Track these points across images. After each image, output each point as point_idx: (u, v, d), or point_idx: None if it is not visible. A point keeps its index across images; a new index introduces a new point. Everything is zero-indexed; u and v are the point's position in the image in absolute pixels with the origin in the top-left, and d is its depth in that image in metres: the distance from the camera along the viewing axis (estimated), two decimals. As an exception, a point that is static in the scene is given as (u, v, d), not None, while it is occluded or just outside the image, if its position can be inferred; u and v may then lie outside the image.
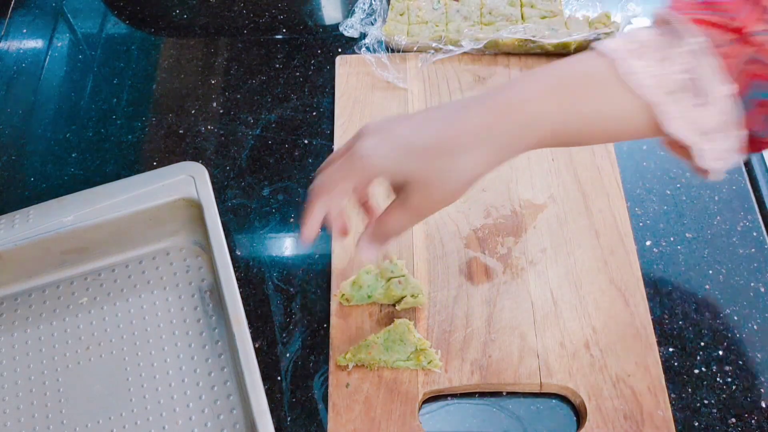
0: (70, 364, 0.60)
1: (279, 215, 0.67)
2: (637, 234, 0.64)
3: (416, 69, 0.74)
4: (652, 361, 0.56)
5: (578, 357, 0.57)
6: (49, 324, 0.62)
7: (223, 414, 0.56)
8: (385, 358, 0.56)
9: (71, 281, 0.64)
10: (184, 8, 0.83)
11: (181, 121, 0.74)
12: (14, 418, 0.57)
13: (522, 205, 0.65)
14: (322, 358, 0.59)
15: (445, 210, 0.64)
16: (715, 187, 0.66)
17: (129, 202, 0.61)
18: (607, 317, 0.59)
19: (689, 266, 0.62)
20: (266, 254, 0.65)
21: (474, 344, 0.58)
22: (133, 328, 0.61)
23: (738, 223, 0.64)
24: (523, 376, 0.56)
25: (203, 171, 0.62)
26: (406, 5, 0.77)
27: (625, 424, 0.54)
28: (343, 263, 0.62)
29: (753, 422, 0.55)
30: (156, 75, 0.78)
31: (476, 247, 0.63)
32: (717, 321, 0.60)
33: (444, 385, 0.56)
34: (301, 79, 0.76)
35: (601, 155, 0.67)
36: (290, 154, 0.71)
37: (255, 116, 0.73)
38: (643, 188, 0.67)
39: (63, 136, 0.74)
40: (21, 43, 0.81)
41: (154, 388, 0.58)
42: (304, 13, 0.82)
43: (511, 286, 0.61)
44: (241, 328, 0.54)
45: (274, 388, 0.58)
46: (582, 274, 0.61)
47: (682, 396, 0.56)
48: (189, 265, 0.64)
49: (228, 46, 0.79)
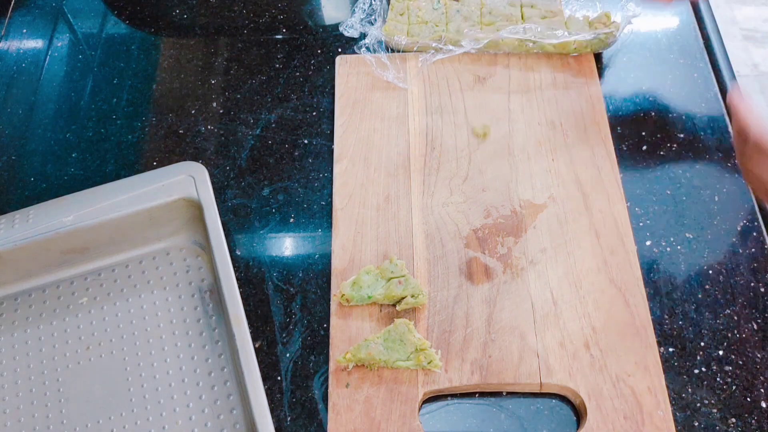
0: (70, 364, 0.60)
1: (279, 215, 0.67)
2: (637, 234, 0.64)
3: (416, 69, 0.74)
4: (652, 361, 0.56)
5: (578, 357, 0.57)
6: (49, 324, 0.62)
7: (223, 414, 0.56)
8: (385, 358, 0.56)
9: (71, 281, 0.64)
10: (184, 8, 0.83)
11: (181, 121, 0.74)
12: (14, 418, 0.57)
13: (522, 205, 0.65)
14: (322, 358, 0.59)
15: (445, 210, 0.65)
16: (715, 187, 0.66)
17: (129, 202, 0.61)
18: (607, 317, 0.59)
19: (689, 266, 0.62)
20: (266, 254, 0.65)
21: (474, 344, 0.58)
22: (133, 328, 0.61)
23: (738, 223, 0.64)
24: (523, 376, 0.56)
25: (203, 171, 0.62)
26: (406, 5, 0.77)
27: (625, 424, 0.54)
28: (343, 263, 0.62)
29: (753, 422, 0.55)
30: (156, 75, 0.78)
31: (476, 247, 0.63)
32: (717, 321, 0.60)
33: (444, 385, 0.56)
34: (301, 79, 0.76)
35: (601, 155, 0.67)
36: (290, 154, 0.71)
37: (255, 116, 0.73)
38: (643, 188, 0.67)
39: (63, 136, 0.74)
40: (21, 43, 0.81)
41: (154, 388, 0.58)
42: (304, 13, 0.82)
43: (511, 286, 0.61)
44: (241, 328, 0.54)
45: (274, 388, 0.58)
46: (582, 274, 0.61)
47: (682, 396, 0.56)
48: (189, 265, 0.64)
49: (228, 46, 0.79)
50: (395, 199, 0.66)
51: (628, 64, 0.75)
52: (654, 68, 0.74)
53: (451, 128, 0.70)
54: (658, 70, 0.74)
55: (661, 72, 0.74)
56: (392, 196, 0.66)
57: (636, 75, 0.74)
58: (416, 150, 0.69)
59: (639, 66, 0.75)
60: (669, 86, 0.73)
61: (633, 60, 0.75)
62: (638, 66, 0.75)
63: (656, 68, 0.74)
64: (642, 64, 0.75)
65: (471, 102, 0.71)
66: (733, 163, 0.68)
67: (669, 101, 0.71)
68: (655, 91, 0.72)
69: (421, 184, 0.66)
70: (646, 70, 0.74)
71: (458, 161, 0.68)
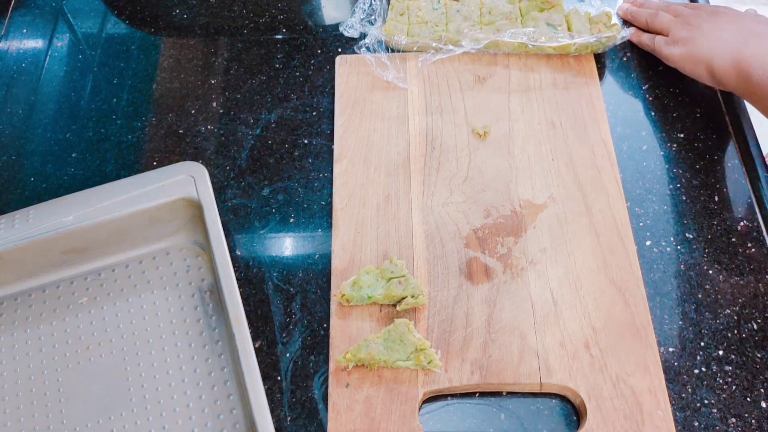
0: (70, 364, 0.60)
1: (279, 215, 0.67)
2: (637, 234, 0.64)
3: (416, 69, 0.74)
4: (652, 361, 0.56)
5: (578, 357, 0.57)
6: (49, 324, 0.62)
7: (223, 414, 0.56)
8: (385, 358, 0.56)
9: (71, 281, 0.64)
10: (184, 8, 0.83)
11: (181, 121, 0.74)
12: (14, 418, 0.57)
13: (522, 205, 0.65)
14: (322, 358, 0.59)
15: (445, 210, 0.65)
16: (715, 187, 0.67)
17: (129, 202, 0.61)
18: (607, 317, 0.59)
19: (689, 266, 0.62)
20: (266, 254, 0.65)
21: (474, 344, 0.58)
22: (133, 328, 0.61)
23: (738, 223, 0.64)
24: (523, 376, 0.56)
25: (203, 171, 0.62)
26: (406, 5, 0.77)
27: (625, 424, 0.54)
28: (343, 263, 0.62)
29: (753, 422, 0.55)
30: (156, 75, 0.78)
31: (476, 247, 0.63)
32: (717, 321, 0.60)
33: (444, 385, 0.56)
34: (301, 79, 0.76)
35: (601, 155, 0.67)
36: (290, 154, 0.71)
37: (255, 116, 0.73)
38: (643, 188, 0.67)
39: (63, 136, 0.74)
40: (21, 43, 0.81)
41: (154, 388, 0.58)
42: (304, 13, 0.82)
43: (511, 286, 0.61)
44: (241, 328, 0.54)
45: (274, 388, 0.58)
46: (582, 274, 0.61)
47: (682, 396, 0.56)
48: (189, 265, 0.64)
49: (228, 46, 0.79)
50: (395, 199, 0.66)
51: (628, 64, 0.75)
52: (654, 68, 0.74)
53: (451, 128, 0.70)
54: (658, 70, 0.74)
55: (661, 72, 0.74)
56: (392, 196, 0.66)
57: (636, 75, 0.74)
58: (416, 150, 0.69)
59: (639, 66, 0.75)
60: (669, 86, 0.73)
61: (633, 60, 0.75)
62: (638, 66, 0.75)
63: (656, 68, 0.74)
64: (642, 64, 0.75)
65: (471, 102, 0.71)
66: (733, 163, 0.68)
67: (669, 101, 0.71)
68: (655, 91, 0.72)
69: (421, 184, 0.66)
70: (646, 70, 0.74)
71: (458, 161, 0.68)
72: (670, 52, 0.69)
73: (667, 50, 0.69)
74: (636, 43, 0.75)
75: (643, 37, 0.73)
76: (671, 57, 0.69)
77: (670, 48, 0.69)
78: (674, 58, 0.69)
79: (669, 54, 0.69)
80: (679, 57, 0.68)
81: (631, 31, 0.74)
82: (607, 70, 0.75)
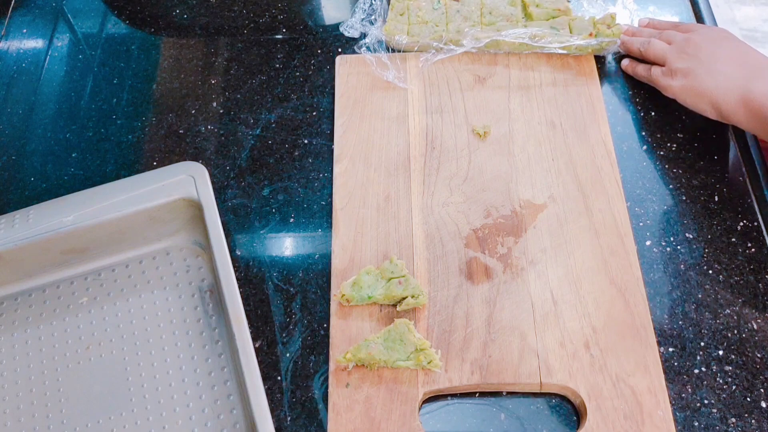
0: (70, 364, 0.60)
1: (279, 215, 0.67)
2: (637, 234, 0.64)
3: (416, 69, 0.74)
4: (652, 361, 0.56)
5: (578, 357, 0.57)
6: (49, 324, 0.62)
7: (223, 414, 0.56)
8: (385, 357, 0.56)
9: (71, 281, 0.64)
10: (184, 8, 0.83)
11: (181, 121, 0.74)
12: (14, 418, 0.57)
13: (522, 205, 0.65)
14: (322, 358, 0.59)
15: (445, 210, 0.65)
16: (715, 187, 0.67)
17: (129, 202, 0.61)
18: (607, 317, 0.59)
19: (689, 266, 0.62)
20: (266, 254, 0.65)
21: (474, 344, 0.58)
22: (133, 328, 0.61)
23: (738, 223, 0.64)
24: (523, 375, 0.56)
25: (203, 171, 0.62)
26: (406, 5, 0.77)
27: (625, 424, 0.54)
28: (343, 263, 0.62)
29: (753, 422, 0.55)
30: (156, 75, 0.78)
31: (476, 247, 0.63)
32: (717, 321, 0.60)
33: (444, 385, 0.56)
34: (301, 79, 0.76)
35: (601, 155, 0.67)
36: (290, 154, 0.71)
37: (255, 116, 0.73)
38: (643, 188, 0.67)
39: (63, 136, 0.74)
40: (21, 43, 0.82)
41: (154, 388, 0.58)
42: (304, 13, 0.82)
43: (511, 286, 0.61)
44: (241, 328, 0.54)
45: (274, 388, 0.58)
46: (582, 274, 0.61)
47: (682, 396, 0.56)
48: (189, 265, 0.64)
49: (228, 46, 0.79)
50: (395, 199, 0.66)
51: (628, 64, 0.75)
52: (654, 68, 0.74)
53: (451, 128, 0.70)
54: (658, 70, 0.74)
55: (661, 72, 0.74)
56: (392, 196, 0.66)
57: (636, 75, 0.74)
58: (416, 150, 0.69)
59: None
60: (669, 86, 0.73)
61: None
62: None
63: (656, 68, 0.74)
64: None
65: (471, 102, 0.71)
66: (733, 163, 0.68)
67: (669, 101, 0.71)
68: (655, 91, 0.72)
69: (421, 184, 0.66)
70: (646, 70, 0.74)
71: (458, 161, 0.68)
72: (668, 84, 0.67)
73: (665, 82, 0.68)
74: (631, 74, 0.73)
75: (638, 68, 0.72)
76: (670, 89, 0.67)
77: (668, 80, 0.67)
78: (674, 91, 0.67)
79: (667, 86, 0.67)
80: (679, 90, 0.66)
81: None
82: (608, 70, 0.74)
